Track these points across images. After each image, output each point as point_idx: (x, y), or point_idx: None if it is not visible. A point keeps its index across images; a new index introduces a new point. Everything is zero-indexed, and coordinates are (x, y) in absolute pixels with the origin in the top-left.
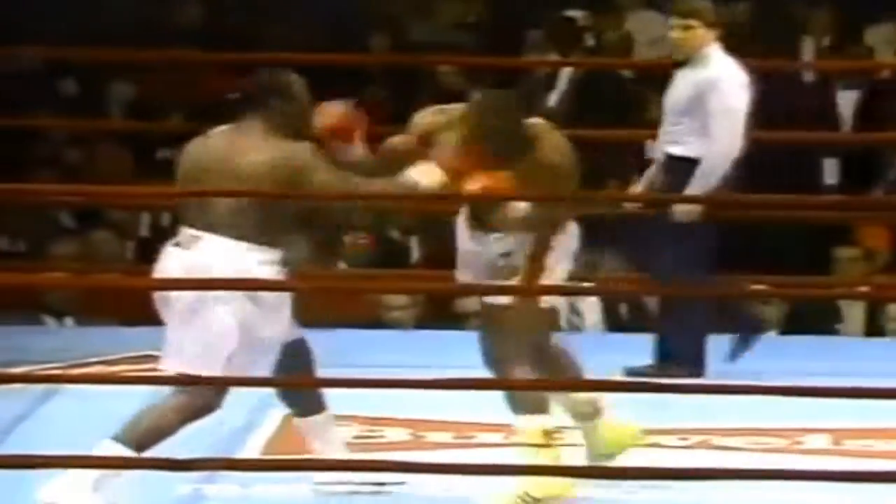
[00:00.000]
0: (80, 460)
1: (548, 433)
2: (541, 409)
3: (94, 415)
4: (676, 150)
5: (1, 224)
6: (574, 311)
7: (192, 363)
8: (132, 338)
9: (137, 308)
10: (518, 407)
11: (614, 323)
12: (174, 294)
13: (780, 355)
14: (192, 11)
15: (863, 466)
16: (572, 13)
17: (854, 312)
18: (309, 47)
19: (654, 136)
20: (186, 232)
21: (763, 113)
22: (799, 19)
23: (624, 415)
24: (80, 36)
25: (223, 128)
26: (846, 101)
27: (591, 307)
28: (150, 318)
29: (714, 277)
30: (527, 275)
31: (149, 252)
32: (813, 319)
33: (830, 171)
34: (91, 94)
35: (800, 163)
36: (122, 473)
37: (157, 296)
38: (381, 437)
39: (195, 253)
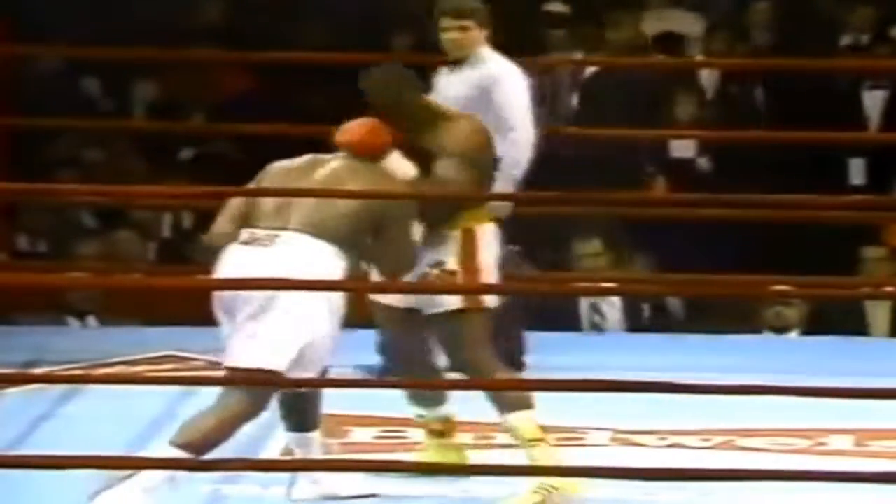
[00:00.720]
0: (99, 461)
1: (543, 428)
2: (528, 404)
3: (115, 415)
4: None
5: (22, 224)
6: (596, 311)
7: (259, 359)
8: (153, 338)
9: (159, 308)
10: (506, 405)
11: (636, 323)
12: (245, 293)
13: (803, 355)
14: (213, 11)
15: (887, 467)
16: (554, 6)
17: (879, 313)
18: (330, 47)
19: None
20: (258, 232)
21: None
22: (834, 18)
23: (645, 415)
24: (103, 35)
25: (311, 156)
26: (874, 100)
27: (612, 307)
28: (172, 318)
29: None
30: (466, 277)
31: (170, 252)
32: (837, 320)
33: (857, 171)
34: (114, 94)
35: (825, 162)
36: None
37: (223, 295)
38: (404, 437)
39: (275, 248)
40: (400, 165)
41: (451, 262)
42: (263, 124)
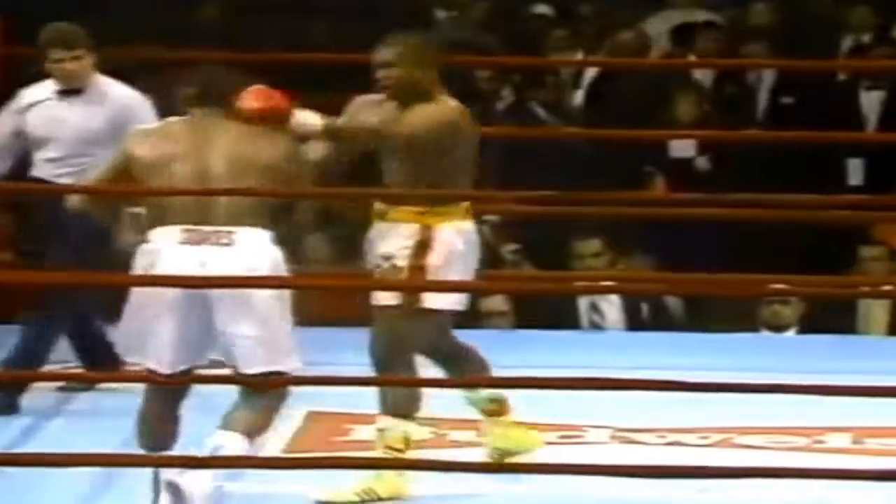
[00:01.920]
0: (108, 458)
1: (407, 440)
2: (409, 415)
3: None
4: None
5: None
6: (595, 309)
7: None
8: None
9: None
10: (388, 408)
11: (635, 321)
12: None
13: (801, 354)
14: (211, 10)
15: (884, 465)
16: (542, 9)
17: (876, 311)
18: (337, 45)
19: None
20: (204, 229)
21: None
22: (834, 18)
23: (644, 415)
24: (105, 35)
25: (181, 120)
26: (871, 101)
27: (611, 306)
28: None
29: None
30: (409, 275)
31: None
32: (831, 318)
33: (855, 171)
34: None
35: (823, 163)
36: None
37: (170, 293)
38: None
39: (235, 249)
40: (307, 118)
41: (401, 259)
42: None
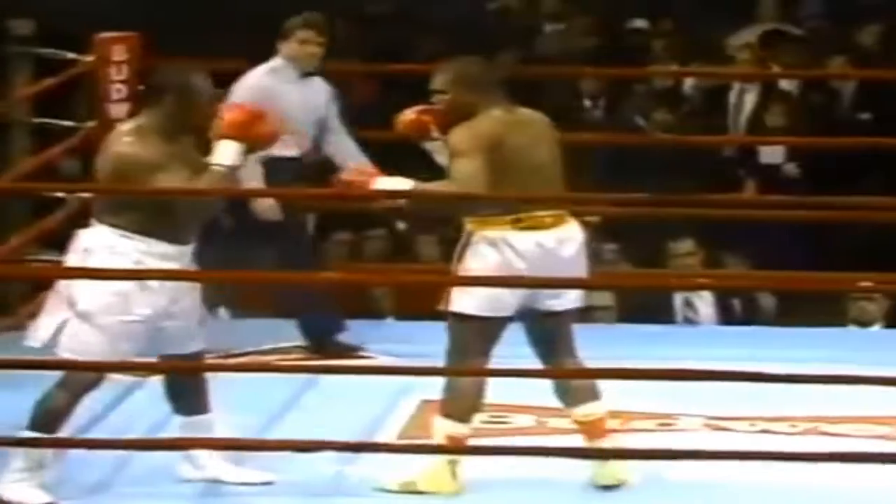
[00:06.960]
0: (229, 443)
1: (455, 440)
2: (464, 419)
3: (245, 401)
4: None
5: None
6: (688, 305)
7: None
8: (283, 330)
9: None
10: (446, 409)
11: (728, 316)
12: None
13: (885, 348)
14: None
15: None
16: (640, 23)
17: None
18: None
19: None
20: None
21: None
22: None
23: (735, 404)
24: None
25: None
26: None
27: (704, 302)
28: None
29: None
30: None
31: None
32: None
33: None
34: None
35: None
36: None
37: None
38: (509, 423)
39: (80, 238)
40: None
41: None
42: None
